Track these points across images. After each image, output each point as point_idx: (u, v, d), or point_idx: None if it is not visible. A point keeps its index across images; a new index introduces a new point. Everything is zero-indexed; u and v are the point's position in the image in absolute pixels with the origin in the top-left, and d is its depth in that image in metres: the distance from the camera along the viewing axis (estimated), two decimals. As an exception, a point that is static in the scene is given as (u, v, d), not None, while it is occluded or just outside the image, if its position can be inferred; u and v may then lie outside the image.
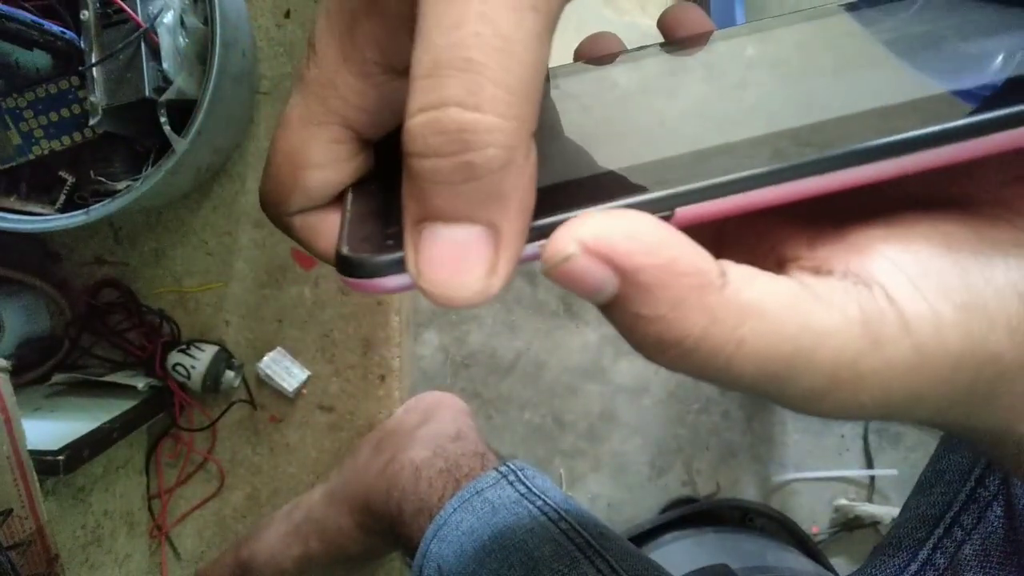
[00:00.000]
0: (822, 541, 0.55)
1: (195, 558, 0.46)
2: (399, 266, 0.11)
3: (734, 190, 0.11)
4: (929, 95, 0.12)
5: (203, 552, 0.46)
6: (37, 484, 0.33)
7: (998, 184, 0.13)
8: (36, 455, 0.33)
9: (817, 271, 0.12)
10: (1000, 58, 0.12)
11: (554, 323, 0.54)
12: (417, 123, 0.10)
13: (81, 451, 0.36)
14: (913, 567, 0.25)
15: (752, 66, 0.15)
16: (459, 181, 0.10)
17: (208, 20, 0.33)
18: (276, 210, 0.14)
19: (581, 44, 0.17)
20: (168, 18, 0.33)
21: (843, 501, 0.55)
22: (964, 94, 0.11)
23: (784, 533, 0.52)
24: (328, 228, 0.14)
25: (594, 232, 0.11)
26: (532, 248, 0.11)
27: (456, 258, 0.10)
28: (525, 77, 0.10)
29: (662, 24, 0.17)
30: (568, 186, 0.12)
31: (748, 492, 0.55)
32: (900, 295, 0.11)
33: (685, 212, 0.11)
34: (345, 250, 0.12)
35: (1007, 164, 0.13)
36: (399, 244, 0.11)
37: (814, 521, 0.55)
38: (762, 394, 0.12)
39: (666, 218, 0.11)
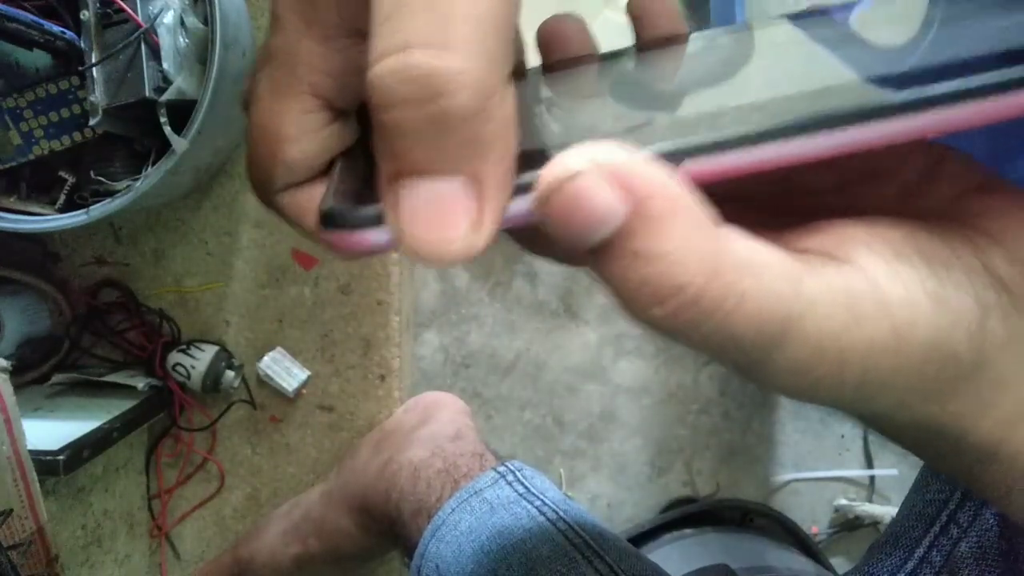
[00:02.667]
0: (822, 541, 0.55)
1: (195, 558, 0.46)
2: (380, 219, 0.11)
3: (743, 144, 0.10)
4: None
5: (203, 552, 0.46)
6: (37, 484, 0.33)
7: (952, 198, 0.13)
8: (36, 455, 0.33)
9: (795, 252, 0.11)
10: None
11: (554, 323, 0.54)
12: (380, 71, 0.09)
13: (81, 451, 0.36)
14: (910, 564, 0.25)
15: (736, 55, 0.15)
16: (432, 131, 0.09)
17: (208, 20, 0.33)
18: (262, 190, 0.13)
19: (541, 28, 0.17)
20: (168, 18, 0.33)
21: (843, 501, 0.55)
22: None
23: (784, 533, 0.52)
24: (315, 205, 0.13)
25: (607, 153, 0.10)
26: (519, 205, 0.10)
27: (437, 213, 0.10)
28: (496, 15, 0.09)
29: (631, 8, 0.17)
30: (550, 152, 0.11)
31: (748, 492, 0.55)
32: (878, 275, 0.11)
33: (690, 167, 0.10)
34: (326, 204, 0.11)
35: (958, 177, 0.13)
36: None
37: (814, 521, 0.55)
38: (745, 365, 0.11)
39: None
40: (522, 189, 0.10)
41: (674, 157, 0.11)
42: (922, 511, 0.28)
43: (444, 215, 0.10)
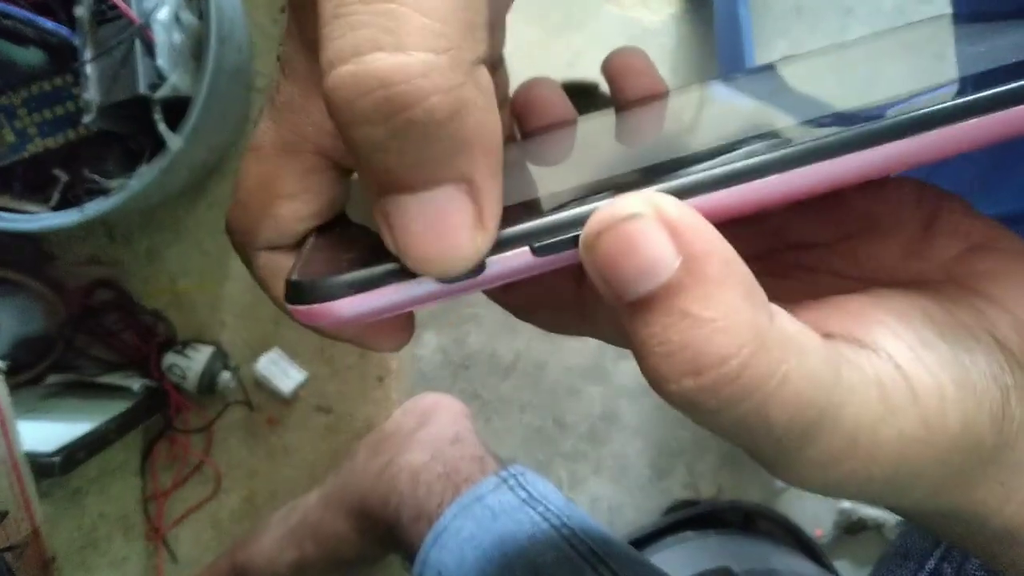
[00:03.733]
0: (826, 544, 0.54)
1: (192, 561, 0.45)
2: (353, 288, 0.10)
3: (745, 178, 0.10)
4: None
5: (200, 555, 0.45)
6: (33, 486, 0.33)
7: (954, 258, 0.12)
8: (32, 457, 0.33)
9: (817, 331, 0.10)
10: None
11: (555, 324, 0.54)
12: (334, 83, 0.08)
13: (77, 453, 0.36)
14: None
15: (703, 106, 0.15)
16: (407, 144, 0.08)
17: (203, 16, 0.33)
18: (243, 240, 0.12)
19: (517, 93, 0.16)
20: (163, 14, 0.32)
21: (847, 505, 0.55)
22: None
23: (787, 536, 0.52)
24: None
25: (667, 201, 0.09)
26: (520, 258, 0.10)
27: (435, 227, 0.09)
28: (459, 1, 0.08)
29: (606, 69, 0.16)
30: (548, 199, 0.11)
31: (751, 495, 0.55)
32: (904, 363, 0.10)
33: (701, 204, 0.10)
34: (295, 276, 0.11)
35: (958, 232, 0.13)
36: (354, 267, 0.10)
37: (818, 524, 0.55)
38: (771, 454, 0.10)
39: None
40: (519, 240, 0.10)
41: (698, 188, 0.10)
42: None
43: (442, 228, 0.09)
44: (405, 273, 0.10)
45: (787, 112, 0.12)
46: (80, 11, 0.32)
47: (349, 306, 0.10)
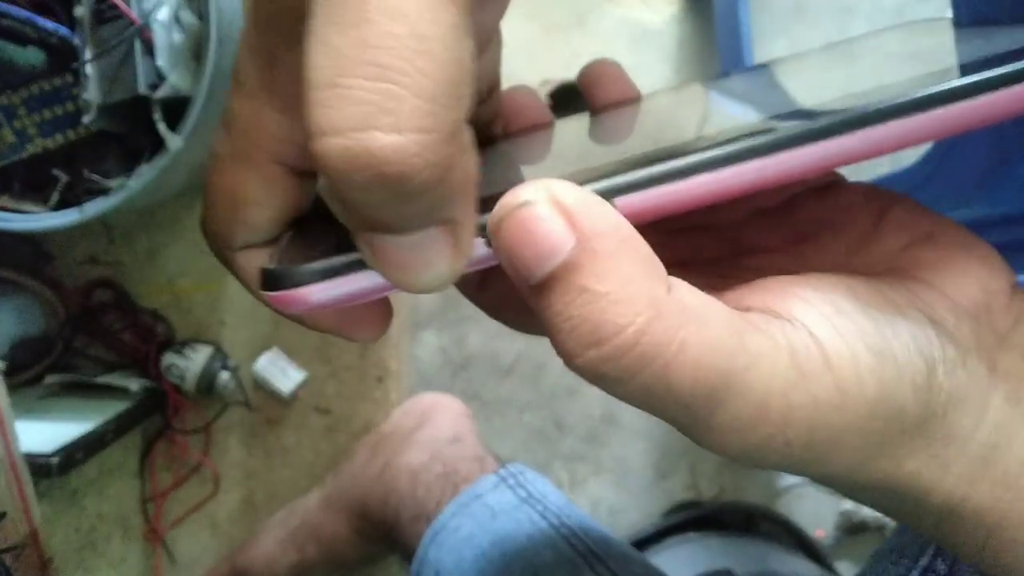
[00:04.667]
0: (828, 545, 0.54)
1: (190, 562, 0.45)
2: (323, 274, 0.10)
3: (673, 177, 0.10)
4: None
5: (198, 556, 0.45)
6: (31, 487, 0.32)
7: (898, 250, 0.13)
8: (29, 457, 0.33)
9: (737, 308, 0.11)
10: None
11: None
12: (328, 151, 0.08)
13: (75, 453, 0.36)
14: (914, 573, 0.25)
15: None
16: (396, 204, 0.09)
17: (203, 16, 0.33)
18: (220, 245, 0.13)
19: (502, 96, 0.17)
20: (163, 14, 0.32)
21: (848, 505, 0.54)
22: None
23: (789, 537, 0.52)
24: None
25: (561, 187, 0.10)
26: (480, 249, 0.11)
27: (420, 259, 0.10)
28: (448, 80, 0.08)
29: (582, 80, 0.17)
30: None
31: (752, 496, 0.55)
32: (819, 331, 0.11)
33: (624, 203, 0.11)
34: (267, 264, 0.11)
35: (904, 228, 0.13)
36: (326, 255, 0.10)
37: (819, 525, 0.55)
38: (685, 422, 0.10)
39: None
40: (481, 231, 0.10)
41: (606, 195, 0.11)
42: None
43: (425, 260, 0.10)
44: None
45: (751, 112, 0.12)
46: (80, 11, 0.32)
47: (319, 292, 0.11)
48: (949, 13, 0.21)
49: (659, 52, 0.53)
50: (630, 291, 0.09)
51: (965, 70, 0.10)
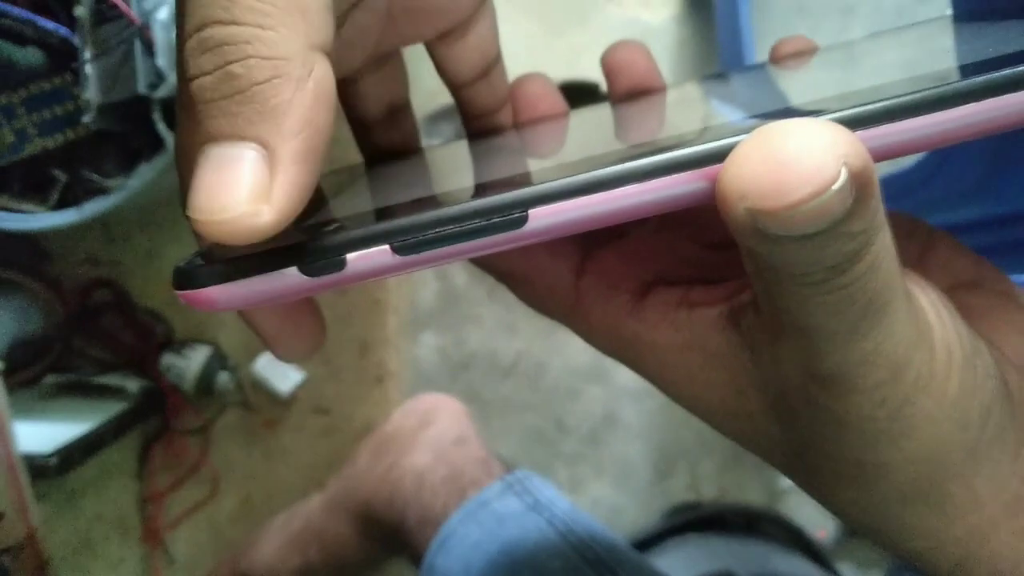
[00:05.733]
0: (829, 546, 0.54)
1: (189, 563, 0.45)
2: (224, 276, 0.10)
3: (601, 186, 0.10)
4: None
5: (197, 557, 0.45)
6: (29, 487, 0.32)
7: (945, 291, 0.13)
8: (28, 458, 0.33)
9: None
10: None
11: (555, 323, 0.53)
12: (186, 48, 0.10)
13: (73, 454, 0.36)
14: None
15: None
16: (225, 94, 0.09)
17: (202, 15, 0.33)
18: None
19: (513, 87, 0.17)
20: (163, 14, 0.32)
21: (849, 506, 0.54)
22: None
23: (790, 538, 0.51)
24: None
25: (847, 140, 0.09)
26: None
27: (218, 179, 0.09)
28: None
29: (605, 63, 0.17)
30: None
31: (754, 497, 0.54)
32: (937, 317, 0.11)
33: (540, 211, 0.10)
34: (180, 263, 0.11)
35: (949, 267, 0.13)
36: (249, 254, 0.10)
37: (821, 526, 0.54)
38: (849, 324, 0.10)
39: (522, 219, 0.10)
40: (382, 238, 0.10)
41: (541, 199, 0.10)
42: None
43: (226, 180, 0.09)
44: (273, 264, 0.10)
45: (728, 112, 0.12)
46: (80, 11, 0.32)
47: (221, 293, 0.11)
48: (949, 13, 0.21)
49: (659, 52, 0.53)
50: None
51: (965, 71, 0.10)
